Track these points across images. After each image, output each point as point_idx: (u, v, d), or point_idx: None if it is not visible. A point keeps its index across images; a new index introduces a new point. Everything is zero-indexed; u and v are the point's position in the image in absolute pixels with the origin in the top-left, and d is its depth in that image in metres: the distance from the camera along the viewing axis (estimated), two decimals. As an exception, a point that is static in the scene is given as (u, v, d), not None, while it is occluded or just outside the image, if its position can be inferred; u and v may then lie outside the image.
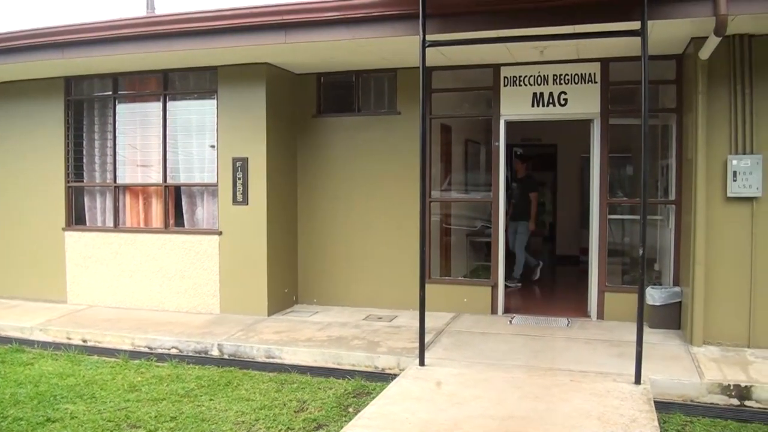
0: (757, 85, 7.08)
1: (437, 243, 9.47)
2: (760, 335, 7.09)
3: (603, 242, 8.38)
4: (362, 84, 9.22)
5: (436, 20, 6.65)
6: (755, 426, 5.42)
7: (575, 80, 8.31)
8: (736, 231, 7.14)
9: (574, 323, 8.20)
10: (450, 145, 10.07)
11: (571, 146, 13.36)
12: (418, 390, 5.73)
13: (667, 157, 8.50)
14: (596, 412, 5.18)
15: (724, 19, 6.09)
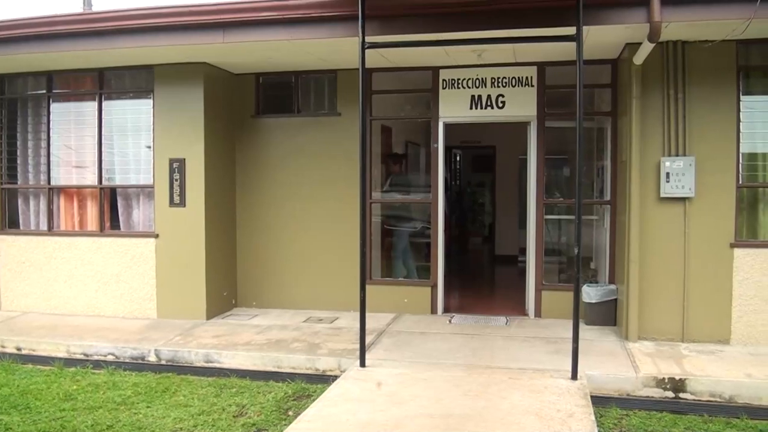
0: (689, 89, 7.35)
1: (378, 244, 9.51)
2: (694, 330, 7.37)
3: (540, 242, 8.56)
4: (302, 85, 9.19)
5: (375, 22, 6.68)
6: (690, 418, 5.62)
7: (512, 83, 8.46)
8: (670, 230, 7.40)
9: (513, 322, 8.34)
10: (391, 146, 10.11)
11: (509, 148, 13.56)
12: (358, 391, 5.74)
13: (603, 159, 8.73)
14: (534, 408, 5.28)
15: (658, 26, 6.30)
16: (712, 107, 7.34)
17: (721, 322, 7.36)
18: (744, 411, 5.74)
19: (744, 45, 7.30)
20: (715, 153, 7.34)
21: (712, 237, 7.35)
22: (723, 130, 7.34)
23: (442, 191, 8.80)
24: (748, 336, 7.32)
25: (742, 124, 7.37)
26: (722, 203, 7.35)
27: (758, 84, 7.48)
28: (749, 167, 7.44)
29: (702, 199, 7.33)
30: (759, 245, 7.35)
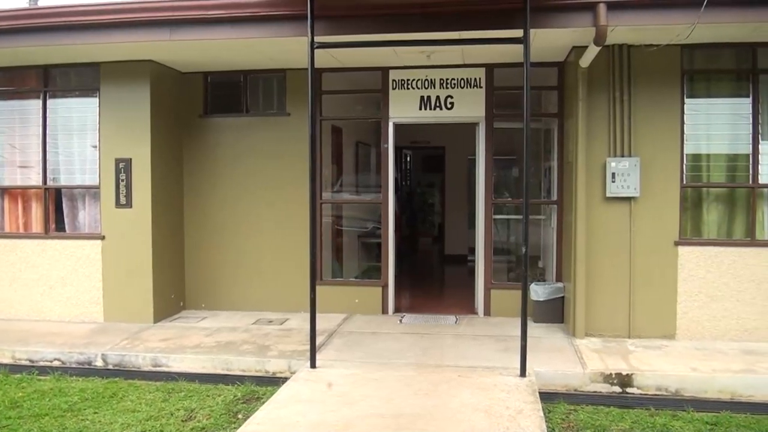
0: (635, 92, 7.54)
1: (329, 244, 9.49)
2: (640, 326, 7.57)
3: (488, 241, 8.65)
4: (251, 84, 9.11)
5: (324, 22, 6.67)
6: (637, 411, 5.76)
7: (461, 85, 8.54)
8: (616, 229, 7.59)
9: (462, 320, 8.42)
10: (341, 146, 10.11)
11: (458, 148, 13.68)
12: (309, 392, 5.72)
13: (550, 160, 8.87)
14: (484, 405, 5.34)
15: (604, 30, 6.44)
16: (657, 109, 7.54)
17: (666, 318, 7.57)
18: (690, 404, 5.93)
19: (688, 49, 7.53)
20: (660, 154, 7.54)
21: (658, 235, 7.56)
22: (668, 131, 7.55)
23: (392, 191, 8.83)
24: (693, 331, 7.54)
25: (686, 126, 7.60)
26: (667, 203, 7.56)
27: (702, 87, 7.70)
28: (693, 168, 7.66)
29: (647, 198, 7.52)
30: (703, 243, 7.57)
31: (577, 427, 5.37)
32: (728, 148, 7.71)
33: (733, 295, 7.51)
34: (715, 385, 6.26)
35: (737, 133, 7.64)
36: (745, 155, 7.62)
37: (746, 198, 7.62)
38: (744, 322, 7.50)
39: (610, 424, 5.43)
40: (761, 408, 5.93)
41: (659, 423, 5.47)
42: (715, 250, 7.54)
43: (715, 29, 6.83)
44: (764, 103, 7.59)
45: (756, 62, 7.56)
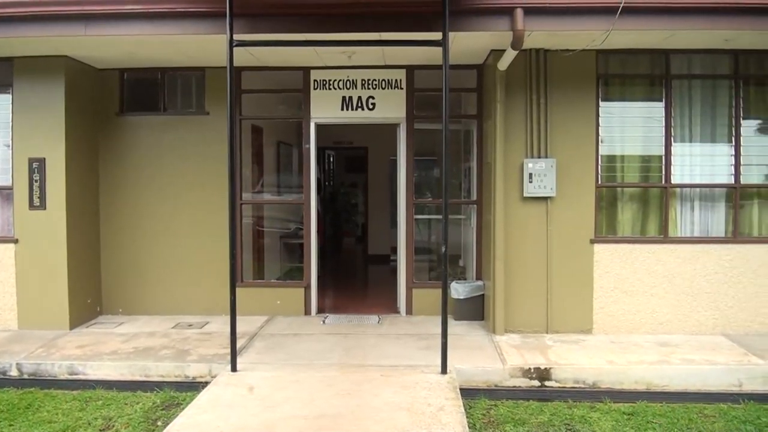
0: (551, 95, 7.74)
1: (250, 246, 9.36)
2: (557, 321, 7.78)
3: (410, 241, 8.72)
4: (168, 82, 8.89)
5: (243, 20, 6.58)
6: (555, 404, 5.92)
7: (382, 85, 8.57)
8: (533, 228, 7.77)
9: (385, 320, 8.45)
10: (262, 146, 10.00)
11: (381, 149, 13.72)
12: (230, 396, 5.63)
13: (470, 160, 9.00)
14: (406, 403, 5.37)
15: (521, 34, 6.57)
16: (573, 112, 7.77)
17: (583, 314, 7.81)
18: (607, 395, 6.15)
19: (603, 54, 7.79)
20: (575, 155, 7.77)
21: (574, 234, 7.78)
22: (583, 133, 7.79)
23: (314, 192, 8.78)
24: (609, 325, 7.80)
25: (601, 128, 7.88)
26: (583, 202, 7.79)
27: (616, 91, 7.98)
28: (608, 169, 7.93)
29: (563, 198, 7.73)
30: (617, 241, 7.84)
31: (498, 422, 5.47)
32: (642, 149, 8.01)
33: (647, 290, 7.81)
34: (631, 377, 6.49)
35: (650, 136, 7.95)
36: (658, 156, 7.94)
37: (659, 197, 7.92)
38: (658, 315, 7.81)
39: (530, 418, 5.55)
40: (675, 397, 6.22)
41: (577, 415, 5.64)
42: (630, 248, 7.81)
43: (629, 36, 7.07)
44: (676, 106, 7.93)
45: (669, 68, 7.89)
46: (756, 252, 7.84)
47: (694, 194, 7.99)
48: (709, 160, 7.99)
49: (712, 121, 7.98)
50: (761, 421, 5.56)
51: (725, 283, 7.81)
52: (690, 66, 7.95)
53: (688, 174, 7.96)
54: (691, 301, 7.82)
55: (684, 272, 7.82)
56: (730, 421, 5.55)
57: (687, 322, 7.83)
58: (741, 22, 6.72)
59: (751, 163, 7.98)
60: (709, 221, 8.03)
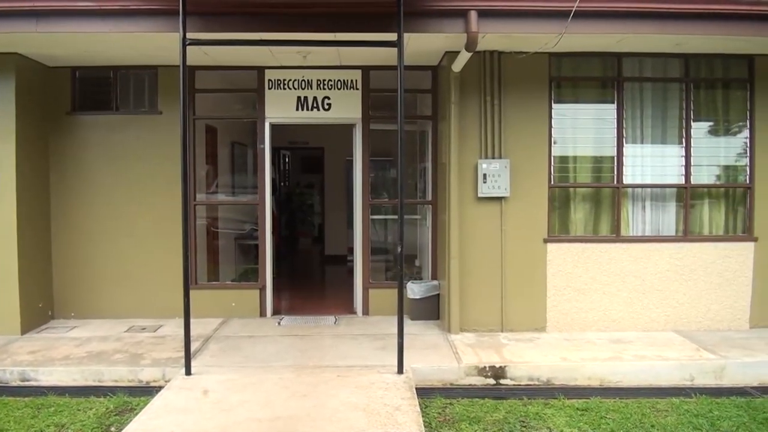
0: (505, 96, 7.83)
1: (204, 247, 9.25)
2: (512, 320, 7.87)
3: (366, 241, 8.71)
4: (121, 81, 8.71)
5: (197, 18, 6.49)
6: (510, 401, 5.97)
7: (338, 86, 8.55)
8: (488, 228, 7.84)
9: (342, 320, 8.44)
10: (216, 147, 9.88)
11: (337, 149, 13.71)
12: (184, 401, 5.55)
13: (425, 161, 9.04)
14: (362, 403, 5.37)
15: (475, 36, 6.61)
16: (526, 113, 7.86)
17: (537, 312, 7.91)
18: (561, 392, 6.24)
19: (556, 57, 7.90)
20: (529, 156, 7.86)
21: (527, 233, 7.87)
22: (536, 134, 7.89)
23: (269, 192, 8.71)
24: (563, 323, 7.91)
25: (554, 129, 7.99)
26: (536, 202, 7.89)
27: (568, 93, 8.09)
28: (560, 169, 8.03)
29: (517, 198, 7.81)
30: (570, 240, 7.95)
31: (453, 420, 5.49)
32: (594, 150, 8.14)
33: (599, 288, 7.93)
34: (584, 373, 6.60)
35: (603, 137, 8.08)
36: (610, 157, 8.08)
37: (611, 197, 8.05)
38: (611, 313, 7.94)
39: (485, 415, 5.59)
40: (628, 392, 6.33)
41: (532, 411, 5.70)
42: (582, 247, 7.93)
43: (581, 39, 7.19)
44: (628, 108, 8.07)
45: (621, 70, 8.03)
46: (705, 250, 8.03)
47: (645, 194, 8.14)
48: (660, 160, 8.15)
49: (663, 122, 8.16)
50: (713, 414, 5.69)
51: (676, 281, 7.99)
52: (641, 69, 8.10)
53: (640, 174, 8.11)
54: (643, 298, 7.97)
55: (636, 270, 7.97)
56: (682, 415, 5.67)
57: (639, 319, 7.98)
58: (690, 27, 6.88)
59: (701, 163, 8.18)
60: (661, 220, 8.19)
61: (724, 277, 8.04)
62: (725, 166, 8.26)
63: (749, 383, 6.63)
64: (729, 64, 8.14)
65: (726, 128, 8.26)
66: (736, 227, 8.23)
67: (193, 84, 8.49)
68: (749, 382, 6.64)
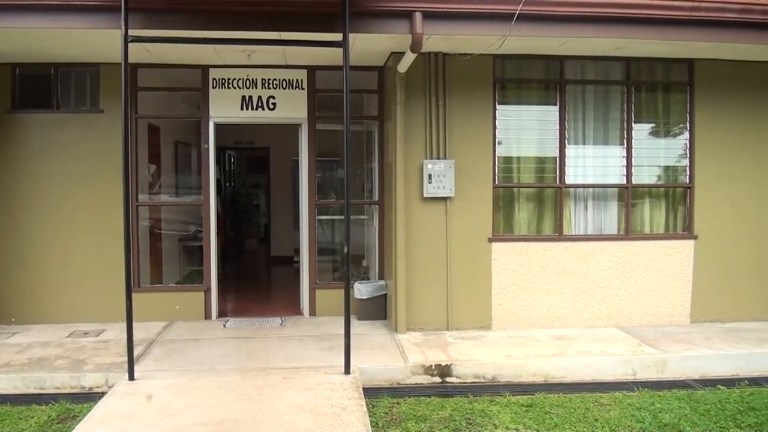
0: (450, 97, 7.89)
1: (147, 249, 9.06)
2: (458, 318, 7.94)
3: (312, 242, 8.69)
4: (62, 78, 8.47)
5: (139, 15, 6.34)
6: (456, 399, 6.02)
7: (283, 85, 8.50)
8: (433, 227, 7.90)
9: (288, 322, 8.38)
10: (159, 146, 9.71)
11: (283, 149, 13.57)
12: (127, 406, 5.43)
13: (372, 161, 9.04)
14: (309, 405, 5.34)
15: (420, 38, 6.65)
16: (471, 114, 7.94)
17: (482, 310, 8.00)
18: (506, 388, 6.32)
19: (500, 59, 8.01)
20: (473, 156, 7.95)
21: (472, 233, 7.95)
22: (481, 135, 7.98)
23: (213, 193, 8.59)
24: (507, 321, 8.02)
25: (498, 130, 8.09)
26: (481, 202, 7.98)
27: (512, 95, 8.21)
28: (504, 169, 8.14)
29: (462, 198, 7.89)
30: (514, 239, 8.07)
31: (400, 419, 5.51)
32: (538, 151, 8.28)
33: (543, 286, 8.06)
34: (529, 370, 6.70)
35: (546, 138, 8.23)
36: (553, 158, 8.23)
37: (554, 197, 8.19)
38: (554, 310, 8.08)
39: (431, 414, 5.62)
40: (572, 388, 6.46)
41: (478, 409, 5.75)
42: (526, 245, 8.05)
43: (525, 41, 7.29)
44: (570, 110, 8.23)
45: (563, 73, 8.19)
46: (647, 248, 8.24)
47: (587, 194, 8.31)
48: (602, 161, 8.34)
49: (604, 124, 8.34)
50: (655, 407, 5.83)
51: (618, 278, 8.17)
52: (583, 72, 8.28)
53: (582, 175, 8.28)
54: (586, 296, 8.13)
55: (579, 268, 8.12)
56: (625, 409, 5.79)
57: (582, 316, 8.13)
58: (631, 32, 7.04)
59: (642, 164, 8.40)
60: (603, 219, 8.37)
61: (665, 274, 8.26)
62: (666, 167, 8.49)
63: (690, 376, 6.83)
64: (669, 68, 8.38)
65: (667, 130, 8.49)
66: (677, 226, 8.46)
67: (136, 82, 8.33)
68: (690, 375, 6.84)
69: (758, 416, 5.61)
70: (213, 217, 8.59)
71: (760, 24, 7.12)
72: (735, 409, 5.79)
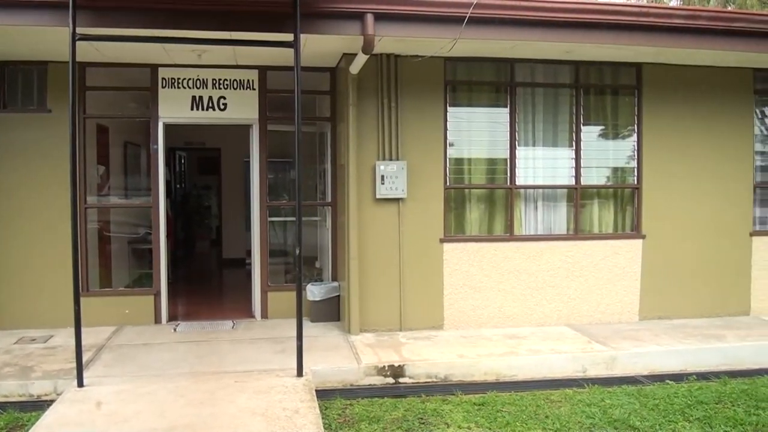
0: (402, 99, 7.93)
1: (96, 252, 8.89)
2: (410, 319, 7.98)
3: (264, 244, 8.63)
4: (9, 77, 8.22)
5: (88, 12, 6.22)
6: (409, 399, 6.05)
7: (234, 86, 8.42)
8: (386, 228, 7.92)
9: (240, 325, 8.31)
10: (108, 147, 9.53)
11: (234, 150, 13.49)
12: (76, 414, 5.32)
13: (324, 162, 9.03)
14: (261, 408, 5.30)
15: (371, 39, 6.67)
16: (422, 116, 8.00)
17: (435, 310, 8.06)
18: (458, 388, 6.38)
19: (451, 61, 8.07)
20: (425, 158, 8.00)
21: (425, 233, 8.00)
22: (433, 137, 8.04)
23: (163, 194, 8.46)
24: (459, 321, 8.09)
25: (449, 132, 8.16)
26: (432, 203, 8.03)
27: (463, 97, 8.29)
28: (456, 171, 8.21)
29: (414, 199, 7.93)
30: (465, 240, 8.14)
31: (353, 421, 5.51)
32: (488, 153, 8.37)
33: (494, 286, 8.15)
34: (480, 369, 6.77)
35: (496, 140, 8.34)
36: (503, 159, 8.34)
37: (505, 198, 8.29)
38: (505, 309, 8.18)
39: (384, 414, 5.64)
40: (524, 386, 6.55)
41: (430, 408, 5.79)
42: (478, 246, 8.13)
43: (476, 44, 7.38)
44: (520, 112, 8.35)
45: (513, 76, 8.30)
46: (596, 248, 8.41)
47: (537, 195, 8.43)
48: (551, 162, 8.47)
49: (554, 126, 8.48)
50: (605, 402, 5.95)
51: (568, 277, 8.31)
52: (533, 74, 8.40)
53: (532, 176, 8.40)
54: (537, 294, 8.25)
55: (529, 268, 8.24)
56: (575, 405, 5.90)
57: (533, 315, 8.25)
58: (580, 36, 7.19)
59: (591, 165, 8.57)
60: (553, 220, 8.51)
61: (613, 273, 8.44)
62: (615, 168, 8.68)
63: (639, 372, 7.00)
64: (618, 72, 8.57)
65: (615, 132, 8.68)
66: (625, 225, 8.65)
67: (84, 81, 8.15)
68: (639, 371, 7.01)
69: (706, 410, 5.77)
70: (162, 219, 8.46)
71: (707, 30, 7.35)
72: (683, 403, 5.95)
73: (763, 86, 8.95)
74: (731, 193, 8.78)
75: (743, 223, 8.85)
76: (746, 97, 8.81)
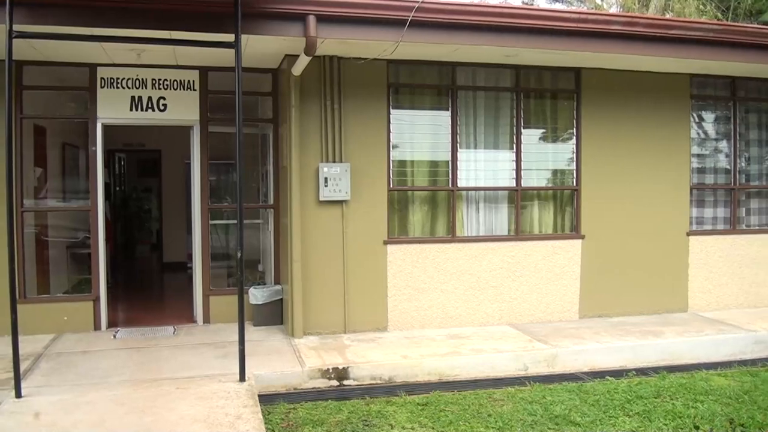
0: (345, 101, 7.93)
1: (33, 257, 8.63)
2: (355, 320, 8.00)
3: (206, 247, 8.52)
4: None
5: (25, 9, 6.00)
6: (353, 402, 6.05)
7: (174, 86, 8.30)
8: (330, 231, 7.92)
9: (181, 330, 8.19)
10: (46, 148, 9.27)
11: (175, 152, 13.25)
12: (14, 425, 5.14)
13: (267, 164, 8.96)
14: (202, 415, 5.24)
15: (313, 41, 6.66)
16: (366, 118, 8.02)
17: (378, 312, 8.09)
18: (402, 389, 6.42)
19: (394, 64, 8.11)
20: (369, 160, 8.02)
21: (368, 236, 8.03)
22: (376, 139, 8.07)
23: (102, 197, 8.27)
24: (403, 322, 8.14)
25: (392, 134, 8.21)
26: (376, 205, 8.06)
27: (406, 99, 8.35)
28: (399, 173, 8.26)
29: (358, 201, 7.94)
30: (409, 241, 8.19)
31: (297, 425, 5.49)
32: (431, 155, 8.46)
33: (437, 287, 8.23)
34: (424, 369, 6.83)
35: (438, 142, 8.42)
36: (445, 162, 8.42)
37: (447, 200, 8.37)
38: (448, 309, 8.27)
39: (328, 417, 5.63)
40: (467, 385, 6.64)
41: (374, 410, 5.81)
42: (420, 247, 8.19)
43: (418, 47, 7.43)
44: (462, 115, 8.44)
45: (455, 79, 8.39)
46: (536, 248, 8.57)
47: (479, 196, 8.54)
48: (492, 165, 8.60)
49: (495, 129, 8.60)
50: (546, 400, 6.06)
51: (509, 278, 8.44)
52: (475, 78, 8.50)
53: (474, 178, 8.51)
54: (479, 295, 8.36)
55: (471, 269, 8.33)
56: (517, 403, 5.99)
57: (476, 315, 8.35)
58: (521, 41, 7.32)
59: (531, 168, 8.72)
60: (494, 221, 8.63)
61: (554, 273, 8.61)
62: (554, 170, 8.87)
63: (580, 369, 7.16)
64: (558, 76, 8.75)
65: (555, 135, 8.87)
66: (565, 226, 8.83)
67: (21, 80, 7.91)
68: (580, 368, 7.17)
69: (646, 404, 5.93)
70: (101, 223, 8.26)
71: (645, 36, 7.55)
72: (623, 398, 6.10)
73: (700, 91, 9.27)
74: (669, 194, 9.06)
75: (680, 224, 9.13)
76: (683, 102, 9.10)
